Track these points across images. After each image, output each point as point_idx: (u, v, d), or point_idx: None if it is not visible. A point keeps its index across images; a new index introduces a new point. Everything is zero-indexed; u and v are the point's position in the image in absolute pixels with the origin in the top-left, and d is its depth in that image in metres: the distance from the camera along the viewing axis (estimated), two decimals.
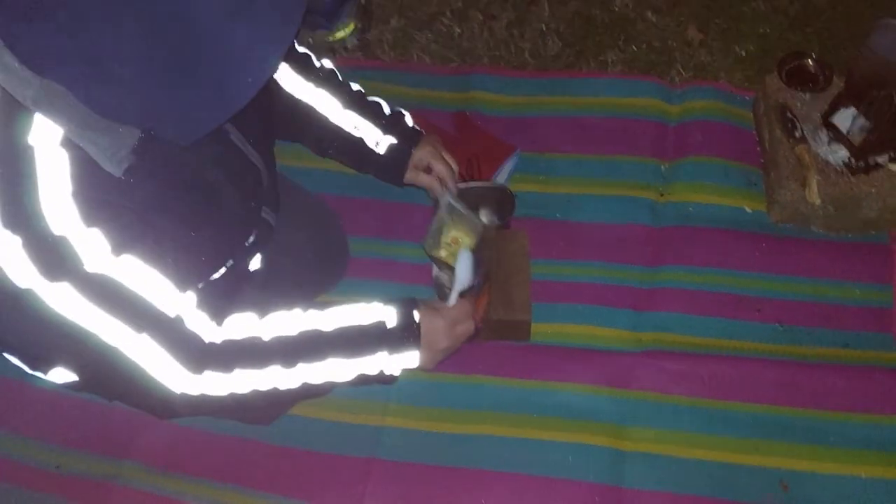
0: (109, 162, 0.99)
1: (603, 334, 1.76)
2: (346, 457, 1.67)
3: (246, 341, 1.22)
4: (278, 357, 1.23)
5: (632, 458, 1.62)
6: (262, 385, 1.23)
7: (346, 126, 1.58)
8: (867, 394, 1.63)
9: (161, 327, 1.12)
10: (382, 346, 1.29)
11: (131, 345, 1.10)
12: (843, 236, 1.84)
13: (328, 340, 1.26)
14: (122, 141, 0.99)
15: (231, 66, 0.93)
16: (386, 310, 1.31)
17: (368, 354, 1.29)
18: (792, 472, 1.58)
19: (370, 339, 1.28)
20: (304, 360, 1.24)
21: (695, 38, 2.21)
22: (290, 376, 1.25)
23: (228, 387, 1.21)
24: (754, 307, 1.76)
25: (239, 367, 1.21)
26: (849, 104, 1.77)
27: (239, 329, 1.23)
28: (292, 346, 1.24)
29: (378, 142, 1.59)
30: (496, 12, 2.32)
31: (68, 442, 1.75)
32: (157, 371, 1.14)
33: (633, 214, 1.91)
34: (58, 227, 0.99)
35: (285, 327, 1.24)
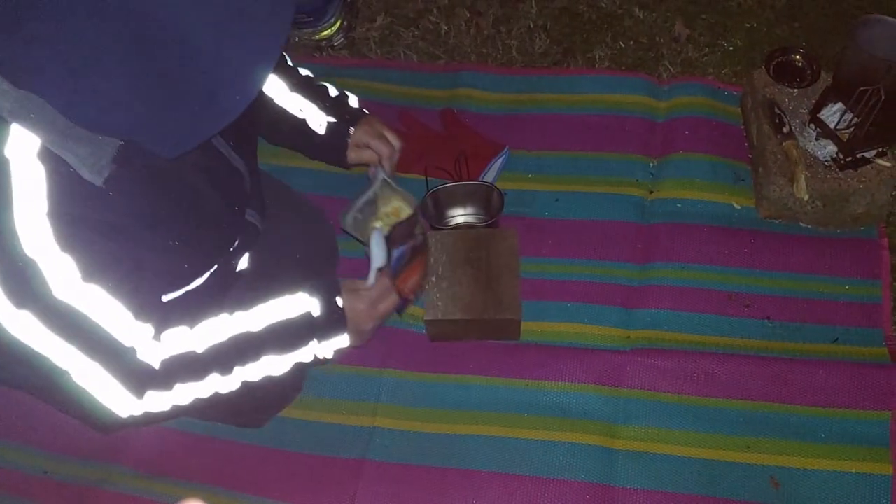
0: (90, 171, 0.99)
1: (593, 332, 1.76)
2: (336, 458, 1.67)
3: (182, 357, 1.23)
4: (215, 366, 1.25)
5: (623, 456, 1.62)
6: (202, 393, 1.25)
7: (292, 108, 1.58)
8: (857, 389, 1.63)
9: (114, 357, 1.12)
10: (312, 336, 1.33)
11: (82, 371, 1.10)
12: (832, 231, 1.84)
13: (260, 340, 1.28)
14: (103, 150, 0.99)
15: (221, 81, 0.93)
16: (311, 300, 1.34)
17: (301, 346, 1.33)
18: (783, 469, 1.58)
19: (299, 331, 1.32)
20: (239, 364, 1.27)
21: (682, 33, 2.21)
22: (229, 380, 1.27)
23: (170, 401, 1.23)
24: (743, 303, 1.76)
25: (179, 383, 1.22)
26: (836, 99, 1.77)
27: (175, 345, 1.23)
28: (226, 352, 1.26)
29: (321, 124, 1.60)
30: (483, 9, 2.31)
31: (56, 447, 1.74)
32: (104, 397, 1.15)
33: (622, 212, 1.90)
34: (30, 249, 0.98)
35: (217, 335, 1.25)
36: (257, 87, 0.97)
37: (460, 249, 1.73)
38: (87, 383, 1.12)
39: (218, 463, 1.68)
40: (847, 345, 1.70)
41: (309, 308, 1.33)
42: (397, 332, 1.79)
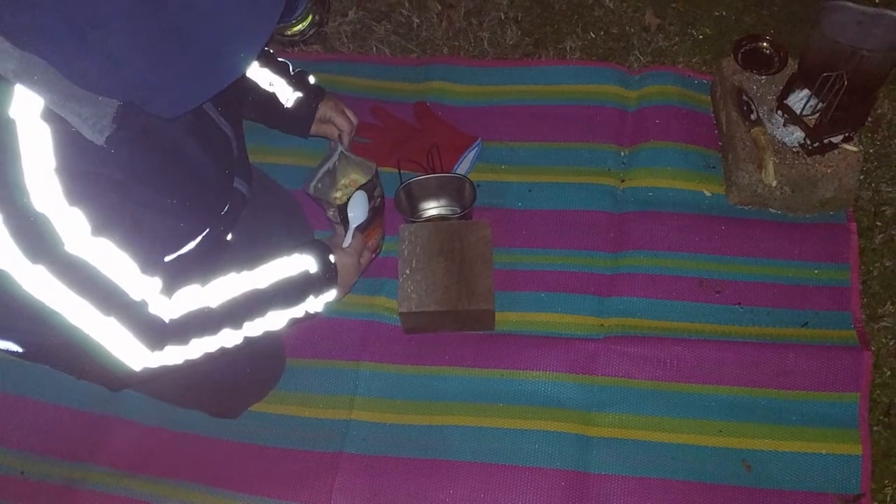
0: (91, 131, 1.00)
1: (566, 321, 1.77)
2: (313, 452, 1.68)
3: (198, 312, 1.26)
4: (228, 321, 1.29)
5: (598, 443, 1.64)
6: (212, 347, 1.30)
7: (262, 82, 1.66)
8: (826, 372, 1.66)
9: (128, 311, 1.14)
10: (310, 292, 1.40)
11: (97, 326, 1.12)
12: (801, 217, 1.86)
13: (267, 296, 1.33)
14: (104, 110, 1.01)
15: (225, 39, 0.95)
16: (305, 258, 1.40)
17: (300, 302, 1.39)
18: (755, 452, 1.61)
19: (300, 287, 1.38)
20: (248, 319, 1.32)
21: (652, 23, 2.22)
22: (237, 335, 1.32)
23: (184, 355, 1.26)
24: (714, 289, 1.78)
25: (195, 338, 1.26)
26: (802, 86, 1.79)
27: (189, 302, 1.26)
28: (238, 308, 1.30)
29: (287, 98, 1.69)
30: (454, 2, 2.31)
31: (33, 447, 1.74)
32: (120, 351, 1.17)
33: (594, 201, 1.92)
34: (40, 204, 1.00)
35: (229, 291, 1.29)
36: (260, 44, 0.99)
37: (434, 241, 1.74)
38: (103, 338, 1.14)
39: (195, 459, 1.69)
40: (817, 328, 1.73)
41: (307, 266, 1.39)
42: (372, 325, 1.80)
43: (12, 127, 0.98)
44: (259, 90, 1.66)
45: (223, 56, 0.98)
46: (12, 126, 0.98)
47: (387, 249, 1.87)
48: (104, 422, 1.74)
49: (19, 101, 0.98)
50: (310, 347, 1.79)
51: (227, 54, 0.98)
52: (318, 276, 1.41)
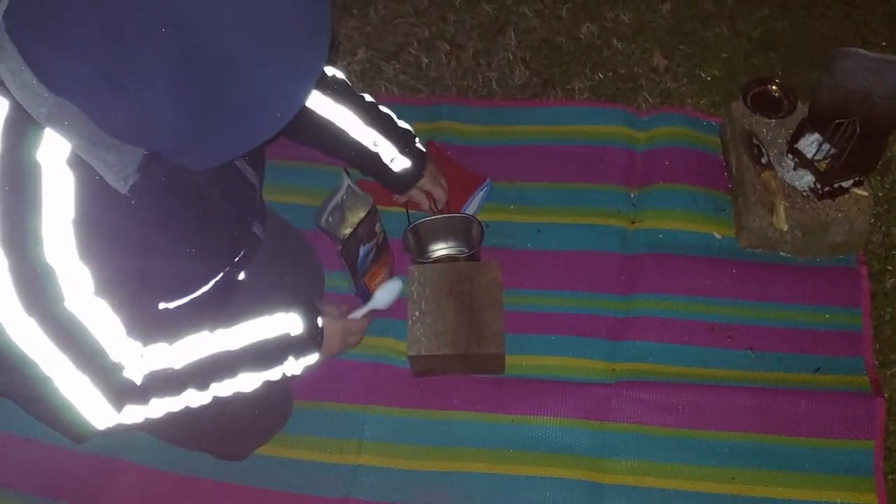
0: (116, 178, 1.00)
1: (577, 365, 1.76)
2: (320, 497, 1.66)
3: (161, 373, 1.23)
4: (192, 382, 1.26)
5: (610, 490, 1.62)
6: (175, 407, 1.27)
7: (366, 142, 1.69)
8: (840, 419, 1.64)
9: (102, 372, 1.13)
10: (289, 354, 1.37)
11: (69, 381, 1.11)
12: (812, 260, 1.86)
13: (238, 358, 1.31)
14: (130, 158, 1.01)
15: (261, 100, 0.95)
16: (289, 318, 1.38)
17: (276, 365, 1.37)
18: (768, 500, 1.59)
19: (276, 350, 1.36)
20: (216, 381, 1.29)
21: (660, 64, 2.23)
22: (203, 395, 1.29)
23: (144, 414, 1.24)
24: (726, 334, 1.77)
25: (155, 398, 1.23)
26: (813, 130, 1.79)
27: (153, 361, 1.23)
28: (204, 369, 1.27)
29: (394, 159, 1.73)
30: (463, 42, 2.33)
31: (37, 489, 1.71)
32: (85, 408, 1.15)
33: (604, 242, 1.91)
34: (51, 256, 0.99)
35: (196, 352, 1.27)
36: (297, 106, 0.99)
37: (443, 283, 1.73)
38: (71, 394, 1.12)
39: (201, 502, 1.66)
40: (829, 374, 1.71)
41: (288, 328, 1.36)
42: (380, 367, 1.78)
43: (38, 171, 0.97)
44: (361, 148, 1.69)
45: (259, 114, 0.97)
46: (38, 171, 0.97)
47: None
48: (108, 464, 1.72)
49: (48, 146, 0.97)
50: (317, 389, 1.76)
51: (263, 113, 0.97)
52: (301, 338, 1.38)
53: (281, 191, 2.02)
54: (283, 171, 2.06)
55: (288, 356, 1.37)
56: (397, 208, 1.95)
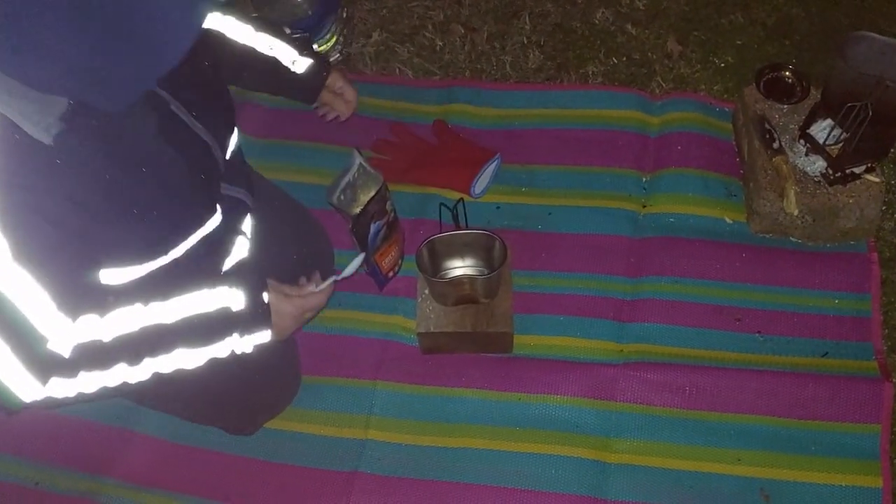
0: (36, 128, 0.98)
1: (585, 346, 1.76)
2: (328, 471, 1.67)
3: (88, 346, 1.18)
4: (122, 356, 1.20)
5: (615, 469, 1.62)
6: (109, 382, 1.21)
7: (261, 47, 1.60)
8: (847, 403, 1.64)
9: (25, 342, 1.10)
10: (232, 330, 1.29)
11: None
12: (822, 246, 1.86)
13: (172, 333, 1.24)
14: (50, 108, 0.99)
15: (162, 23, 0.94)
16: (232, 293, 1.29)
17: (217, 341, 1.28)
18: (772, 482, 1.59)
19: (216, 325, 1.27)
20: (149, 356, 1.22)
21: (674, 50, 2.23)
22: (138, 371, 1.22)
23: (75, 388, 1.19)
24: (734, 317, 1.77)
25: (84, 371, 1.18)
26: (825, 116, 1.79)
27: (81, 333, 1.18)
28: (135, 343, 1.21)
29: (294, 61, 1.64)
30: (477, 25, 2.33)
31: (47, 458, 1.74)
32: (6, 378, 1.11)
33: (615, 225, 1.92)
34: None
35: (126, 325, 1.21)
36: (198, 27, 0.97)
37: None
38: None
39: (209, 475, 1.68)
40: (837, 358, 1.71)
41: (228, 302, 1.29)
42: (390, 345, 1.80)
43: None
44: (258, 55, 1.60)
45: (159, 38, 0.95)
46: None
47: (404, 269, 1.87)
48: (120, 435, 1.74)
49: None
50: (326, 365, 1.78)
51: (163, 36, 0.95)
52: (244, 314, 1.29)
53: (293, 170, 2.04)
54: (294, 151, 2.08)
55: (232, 332, 1.29)
56: (409, 188, 1.97)
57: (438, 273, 1.76)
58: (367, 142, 2.07)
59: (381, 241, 1.75)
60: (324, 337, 1.82)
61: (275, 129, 2.11)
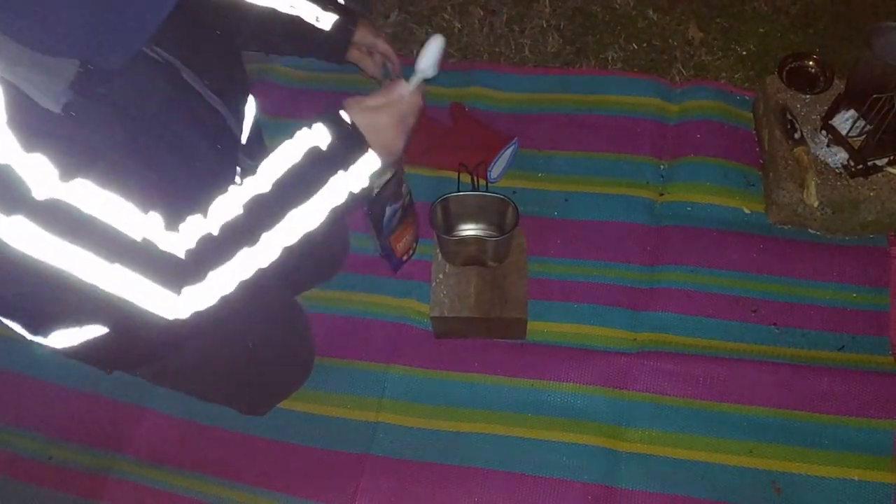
0: (44, 97, 0.97)
1: (599, 334, 1.76)
2: (339, 452, 1.67)
3: (201, 244, 1.12)
4: (239, 241, 1.14)
5: (626, 458, 1.62)
6: (243, 274, 1.15)
7: (281, 7, 1.50)
8: (862, 397, 1.63)
9: (132, 254, 1.05)
10: (333, 168, 1.17)
11: (108, 278, 1.04)
12: (841, 239, 1.84)
13: (274, 198, 1.15)
14: (59, 76, 0.98)
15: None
16: (311, 132, 1.18)
17: (323, 186, 1.17)
18: (785, 474, 1.58)
19: (314, 171, 1.17)
20: (265, 230, 1.15)
21: (695, 37, 2.21)
22: (264, 252, 1.15)
23: (213, 293, 1.13)
24: (750, 308, 1.76)
25: (209, 271, 1.12)
26: (849, 107, 1.77)
27: (191, 234, 1.12)
28: (244, 223, 1.14)
29: (318, 17, 1.51)
30: (497, 8, 2.31)
31: (62, 433, 1.75)
32: (142, 301, 1.08)
33: (632, 213, 1.90)
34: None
35: (228, 211, 1.14)
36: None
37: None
38: (119, 289, 1.05)
39: (222, 453, 1.69)
40: (853, 352, 1.70)
41: (315, 142, 1.17)
42: (403, 328, 1.79)
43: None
44: (280, 16, 1.49)
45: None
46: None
47: (419, 252, 1.87)
48: (133, 412, 1.75)
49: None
50: (339, 347, 1.79)
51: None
52: (335, 145, 1.17)
53: None
54: None
55: (334, 171, 1.17)
56: (425, 170, 1.96)
57: (450, 231, 1.75)
58: None
59: (396, 224, 1.74)
60: (337, 319, 1.82)
61: (289, 108, 2.10)
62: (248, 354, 1.53)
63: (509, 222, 1.69)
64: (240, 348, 1.51)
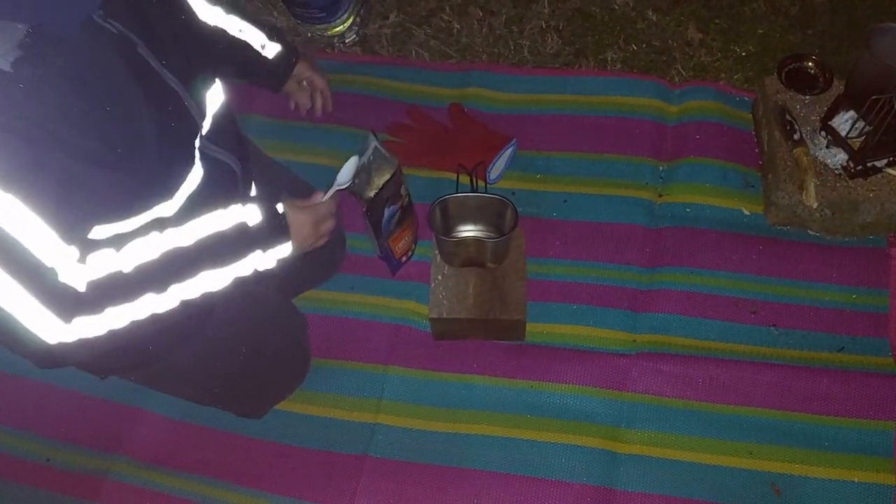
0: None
1: (598, 335, 1.75)
2: (338, 454, 1.67)
3: (110, 278, 1.13)
4: (148, 285, 1.16)
5: (625, 460, 1.62)
6: (138, 315, 1.17)
7: (231, 29, 1.56)
8: (861, 399, 1.63)
9: (34, 277, 1.05)
10: (253, 246, 1.26)
11: (3, 290, 1.04)
12: (840, 240, 1.83)
13: (194, 255, 1.20)
14: (6, 34, 0.98)
15: None
16: (246, 210, 1.26)
17: (240, 258, 1.25)
18: (784, 476, 1.58)
19: (235, 243, 1.24)
20: (175, 282, 1.19)
21: (695, 37, 2.20)
22: (165, 300, 1.19)
23: (104, 326, 1.14)
24: (750, 310, 1.76)
25: (110, 306, 1.13)
26: (848, 107, 1.76)
27: (100, 267, 1.13)
28: (158, 270, 1.17)
29: (264, 45, 1.60)
30: (496, 8, 2.31)
31: (60, 435, 1.75)
32: (29, 321, 1.07)
33: (631, 215, 1.90)
34: None
35: (146, 254, 1.16)
36: None
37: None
38: (9, 304, 1.05)
39: (220, 455, 1.69)
40: (853, 354, 1.70)
41: (244, 218, 1.25)
42: (402, 329, 1.79)
43: None
44: (228, 37, 1.56)
45: None
46: None
47: (418, 254, 1.86)
48: (131, 413, 1.75)
49: None
50: (337, 348, 1.78)
51: None
52: (261, 227, 1.26)
53: (308, 152, 2.03)
54: (310, 133, 2.06)
55: (253, 249, 1.26)
56: (424, 172, 1.95)
57: (449, 233, 1.75)
58: (383, 124, 2.05)
59: (394, 225, 1.74)
60: (335, 320, 1.82)
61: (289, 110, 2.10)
62: (243, 357, 1.52)
63: (508, 223, 1.69)
64: (235, 351, 1.50)
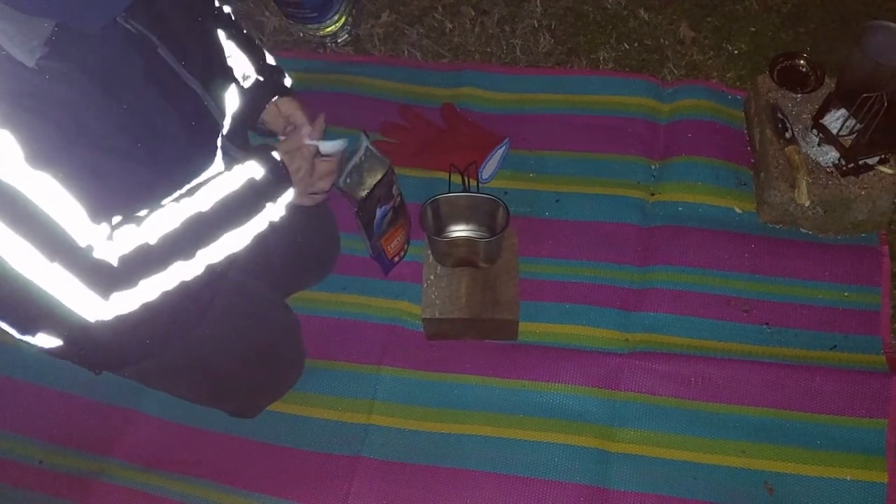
0: (19, 50, 0.98)
1: (591, 334, 1.75)
2: (331, 455, 1.67)
3: (138, 252, 1.16)
4: (175, 252, 1.20)
5: (618, 459, 1.62)
6: (168, 284, 1.20)
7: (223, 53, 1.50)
8: (854, 397, 1.63)
9: (72, 255, 1.08)
10: (262, 200, 1.30)
11: (44, 274, 1.06)
12: (833, 238, 1.84)
13: (213, 218, 1.24)
14: (34, 31, 0.99)
15: None
16: (247, 167, 1.29)
17: (256, 213, 1.30)
18: (777, 475, 1.58)
19: (248, 199, 1.28)
20: (200, 247, 1.23)
21: (687, 36, 2.20)
22: (193, 266, 1.23)
23: (137, 300, 1.17)
24: (742, 308, 1.76)
25: (143, 278, 1.17)
26: (839, 106, 1.76)
27: (126, 242, 1.16)
28: (182, 238, 1.20)
29: (246, 75, 1.51)
30: (488, 8, 2.31)
31: (52, 437, 1.74)
32: (70, 301, 1.10)
33: (623, 213, 1.90)
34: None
35: (167, 224, 1.19)
36: None
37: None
38: (52, 287, 1.08)
39: (213, 457, 1.68)
40: (845, 352, 1.70)
41: (249, 174, 1.29)
42: (394, 329, 1.79)
43: None
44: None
45: None
46: None
47: (410, 254, 1.86)
48: (124, 415, 1.74)
49: None
50: (330, 349, 1.78)
51: None
52: (267, 179, 1.30)
53: None
54: None
55: (265, 201, 1.30)
56: (416, 172, 1.95)
57: (441, 233, 1.76)
58: (375, 124, 2.05)
59: (386, 225, 1.73)
60: (328, 321, 1.81)
61: None
62: (236, 356, 1.52)
63: (500, 223, 1.69)
64: (228, 347, 1.50)
